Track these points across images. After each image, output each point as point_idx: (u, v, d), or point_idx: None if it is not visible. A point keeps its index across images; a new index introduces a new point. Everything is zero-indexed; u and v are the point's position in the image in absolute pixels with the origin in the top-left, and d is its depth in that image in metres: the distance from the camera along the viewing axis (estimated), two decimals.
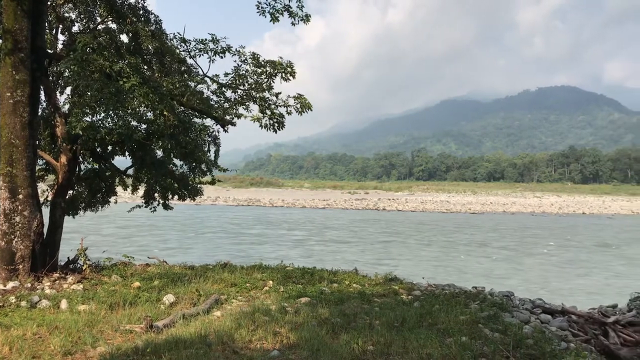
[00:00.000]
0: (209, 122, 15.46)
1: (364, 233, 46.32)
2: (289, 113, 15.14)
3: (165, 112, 12.33)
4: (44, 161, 14.62)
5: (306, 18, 13.51)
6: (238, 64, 14.86)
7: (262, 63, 14.72)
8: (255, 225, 51.64)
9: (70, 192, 14.53)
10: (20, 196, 11.38)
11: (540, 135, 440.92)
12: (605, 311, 14.44)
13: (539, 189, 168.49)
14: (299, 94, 14.94)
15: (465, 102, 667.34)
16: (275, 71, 14.88)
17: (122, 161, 15.06)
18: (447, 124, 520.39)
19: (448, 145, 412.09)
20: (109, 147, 14.41)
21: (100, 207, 16.00)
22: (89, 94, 11.76)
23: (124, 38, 14.13)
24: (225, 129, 15.43)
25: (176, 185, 15.26)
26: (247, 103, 15.28)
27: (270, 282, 12.96)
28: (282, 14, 13.35)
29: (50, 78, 13.88)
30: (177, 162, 15.09)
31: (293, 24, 13.53)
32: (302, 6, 13.24)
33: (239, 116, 15.41)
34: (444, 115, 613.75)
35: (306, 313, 9.51)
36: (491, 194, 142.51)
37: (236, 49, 14.63)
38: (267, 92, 14.99)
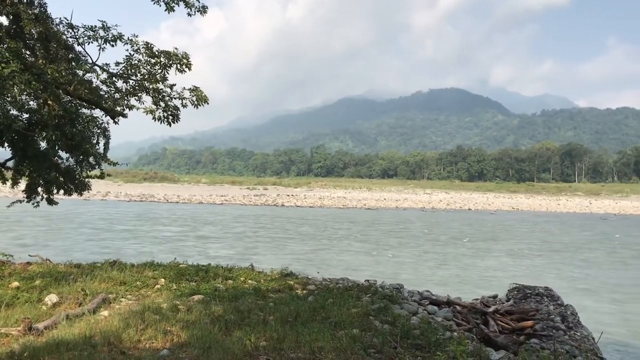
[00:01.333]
0: (98, 113, 14.72)
1: (240, 229, 45.77)
2: (184, 106, 14.76)
3: (49, 101, 11.57)
4: None
5: (203, 9, 13.23)
6: (130, 53, 14.26)
7: (156, 53, 14.21)
8: (132, 221, 49.11)
9: None
10: None
11: (431, 134, 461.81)
12: (486, 301, 15.43)
13: (429, 186, 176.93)
14: (194, 86, 14.60)
15: (362, 101, 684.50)
16: (170, 62, 14.42)
17: (0, 152, 13.98)
18: (344, 122, 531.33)
19: (345, 142, 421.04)
20: None
21: None
22: None
23: (4, 20, 13.09)
24: (116, 120, 14.74)
25: (62, 179, 14.38)
26: (139, 94, 14.69)
27: (163, 280, 12.60)
28: (177, 3, 12.96)
29: None
30: (63, 154, 14.23)
31: (189, 14, 13.20)
32: None
33: (130, 107, 14.79)
34: (342, 113, 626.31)
35: (199, 311, 9.34)
36: (385, 191, 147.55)
37: (128, 38, 14.01)
38: (161, 83, 14.50)
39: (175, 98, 14.71)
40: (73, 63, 14.20)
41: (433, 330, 9.37)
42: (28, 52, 13.21)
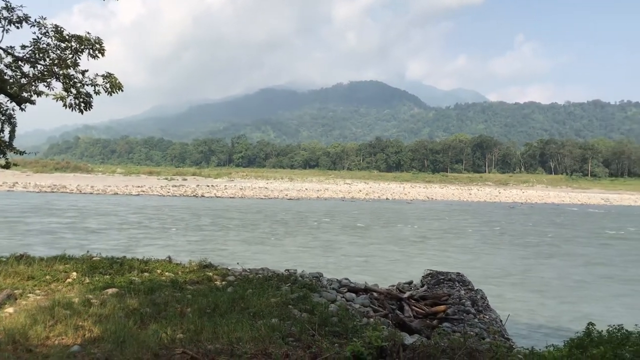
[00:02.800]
0: (2, 98, 13.86)
1: (137, 220, 44.40)
2: (97, 93, 14.17)
3: None
4: None
5: None
6: (38, 37, 13.50)
7: (67, 37, 13.52)
8: (25, 213, 45.98)
9: None
10: None
11: (351, 126, 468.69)
12: (402, 287, 15.94)
13: (350, 176, 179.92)
14: (108, 72, 14.04)
15: (284, 92, 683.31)
16: (82, 47, 13.78)
17: None
18: (266, 112, 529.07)
19: (267, 133, 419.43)
20: None
21: None
22: None
23: None
24: (22, 107, 13.95)
25: None
26: (48, 80, 13.95)
27: (74, 273, 12.09)
28: None
29: None
30: None
31: None
32: None
33: (39, 94, 14.01)
34: (263, 103, 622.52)
35: (113, 304, 9.06)
36: (307, 181, 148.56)
37: (36, 20, 13.26)
38: (72, 69, 13.83)
39: (87, 85, 14.08)
40: None
41: (351, 317, 9.59)
42: None
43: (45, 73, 13.97)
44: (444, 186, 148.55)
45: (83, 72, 14.06)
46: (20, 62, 13.77)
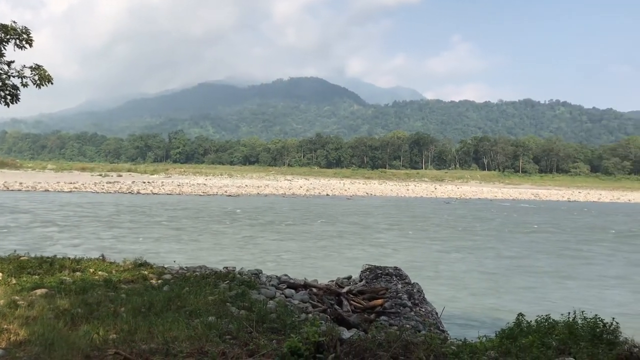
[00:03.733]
0: None
1: (54, 217, 43.08)
2: (25, 85, 13.57)
3: None
4: None
5: None
6: None
7: None
8: None
9: None
10: None
11: (291, 122, 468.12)
12: (341, 282, 16.07)
13: (290, 172, 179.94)
14: (37, 64, 13.48)
15: (223, 87, 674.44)
16: (8, 37, 13.17)
17: None
18: (205, 107, 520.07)
19: (206, 128, 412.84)
20: None
21: None
22: None
23: None
24: None
25: None
26: None
27: (0, 274, 11.52)
28: None
29: None
30: None
31: None
32: None
33: None
34: (202, 98, 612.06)
35: (42, 306, 8.69)
36: (247, 177, 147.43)
37: None
38: None
39: (14, 76, 13.47)
40: None
41: (289, 313, 9.59)
42: None
43: None
44: (383, 182, 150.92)
45: (9, 63, 13.42)
46: None
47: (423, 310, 13.70)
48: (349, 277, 17.11)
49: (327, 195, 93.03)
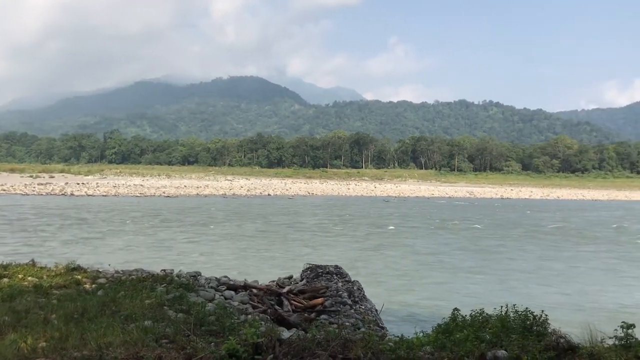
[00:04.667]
0: None
1: None
2: None
3: None
4: None
5: None
6: None
7: None
8: None
9: None
10: None
11: (232, 121, 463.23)
12: (282, 282, 16.05)
13: (231, 172, 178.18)
14: None
15: (161, 85, 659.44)
16: None
17: None
18: (141, 106, 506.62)
19: (143, 127, 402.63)
20: None
21: None
22: None
23: None
24: None
25: None
26: None
27: None
28: None
29: None
30: None
31: None
32: None
33: None
34: (138, 96, 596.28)
35: None
36: (186, 178, 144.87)
37: None
38: None
39: None
40: None
41: (228, 314, 9.50)
42: None
43: None
44: (324, 181, 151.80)
45: None
46: None
47: (363, 307, 13.87)
48: (290, 277, 17.11)
49: (269, 195, 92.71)
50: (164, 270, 14.84)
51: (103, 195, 77.60)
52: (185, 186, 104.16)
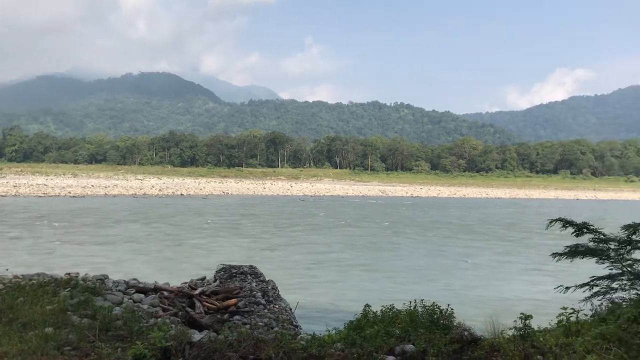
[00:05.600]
0: None
1: None
2: None
3: None
4: None
5: None
6: None
7: None
8: None
9: None
10: None
11: (142, 119, 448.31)
12: (195, 284, 15.76)
13: (142, 171, 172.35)
14: None
15: (66, 80, 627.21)
16: None
17: None
18: (45, 102, 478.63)
19: (46, 124, 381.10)
20: None
21: None
22: None
23: None
24: None
25: None
26: None
27: None
28: None
29: None
30: None
31: None
32: None
33: None
34: (42, 91, 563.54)
35: None
36: (93, 177, 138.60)
37: None
38: None
39: None
40: None
41: (137, 318, 9.20)
42: None
43: None
44: (240, 181, 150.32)
45: None
46: None
47: (277, 307, 13.89)
48: (203, 278, 16.86)
49: (182, 194, 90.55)
50: (69, 273, 14.14)
51: (2, 196, 72.76)
52: (92, 186, 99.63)
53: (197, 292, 13.68)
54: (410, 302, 8.73)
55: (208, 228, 42.14)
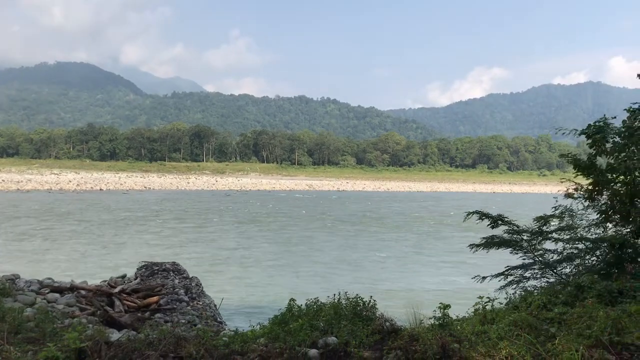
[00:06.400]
0: None
1: None
2: None
3: None
4: None
5: None
6: None
7: None
8: None
9: None
10: None
11: (59, 110, 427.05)
12: (114, 282, 15.22)
13: (58, 165, 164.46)
14: None
15: None
16: None
17: None
18: None
19: None
20: None
21: None
22: None
23: None
24: None
25: None
26: None
27: None
28: None
29: None
30: None
31: None
32: None
33: None
34: None
35: None
36: (4, 171, 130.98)
37: None
38: None
39: None
40: None
41: (50, 319, 8.77)
42: None
43: None
44: (162, 175, 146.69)
45: None
46: None
47: (201, 303, 13.68)
48: (124, 276, 16.35)
49: (101, 189, 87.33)
50: None
51: None
52: (3, 180, 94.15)
53: (116, 290, 13.20)
54: (334, 294, 8.80)
55: (130, 223, 40.88)
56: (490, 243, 9.68)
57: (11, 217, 42.66)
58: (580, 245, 9.44)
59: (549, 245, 9.69)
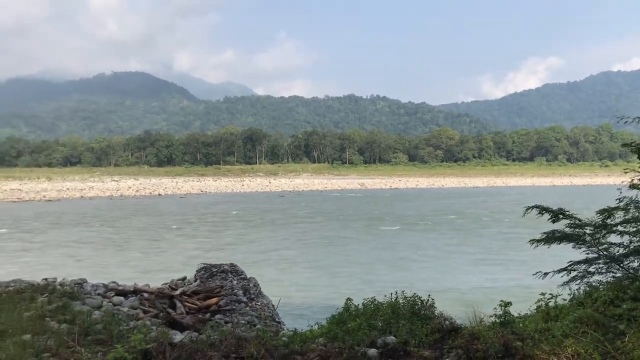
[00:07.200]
0: None
1: None
2: None
3: None
4: None
5: None
6: None
7: None
8: None
9: None
10: None
11: (117, 119, 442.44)
12: (175, 284, 15.61)
13: (117, 172, 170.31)
14: None
15: (36, 82, 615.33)
16: None
17: None
18: (16, 105, 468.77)
19: (18, 128, 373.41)
20: None
21: None
22: None
23: None
24: None
25: None
26: None
27: None
28: None
29: None
30: None
31: None
32: None
33: None
34: (11, 94, 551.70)
35: None
36: (68, 180, 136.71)
37: None
38: None
39: None
40: None
41: (117, 321, 9.10)
42: None
43: None
44: (218, 179, 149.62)
45: None
46: None
47: (259, 304, 13.85)
48: (184, 278, 16.70)
49: (159, 194, 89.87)
50: (46, 279, 13.93)
51: None
52: (67, 189, 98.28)
53: (177, 292, 13.55)
54: (392, 293, 8.76)
55: (189, 226, 41.89)
56: (552, 238, 9.37)
57: (78, 223, 44.52)
58: None
59: (613, 238, 9.32)
